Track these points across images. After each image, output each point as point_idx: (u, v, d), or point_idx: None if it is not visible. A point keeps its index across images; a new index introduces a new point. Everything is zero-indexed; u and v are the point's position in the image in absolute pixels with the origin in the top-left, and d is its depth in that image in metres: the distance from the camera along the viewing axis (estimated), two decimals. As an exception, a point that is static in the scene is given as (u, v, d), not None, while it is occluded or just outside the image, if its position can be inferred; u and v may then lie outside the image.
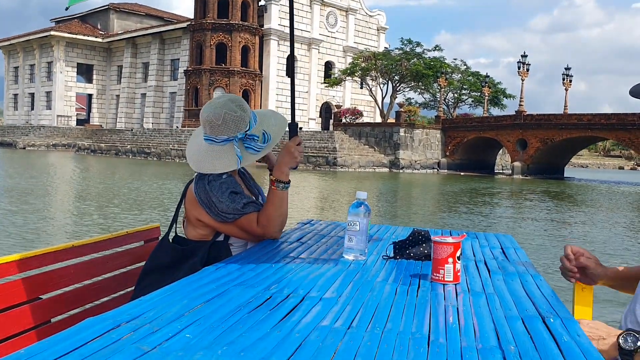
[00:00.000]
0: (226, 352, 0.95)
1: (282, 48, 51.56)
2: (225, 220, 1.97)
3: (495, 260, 1.85)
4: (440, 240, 1.47)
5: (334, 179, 25.72)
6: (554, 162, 38.51)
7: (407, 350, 1.00)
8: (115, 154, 43.48)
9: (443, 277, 1.44)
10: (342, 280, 1.42)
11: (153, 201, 13.62)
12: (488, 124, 39.23)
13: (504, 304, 1.29)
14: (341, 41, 56.83)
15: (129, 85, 59.76)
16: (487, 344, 1.05)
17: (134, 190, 16.13)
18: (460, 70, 52.60)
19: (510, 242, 2.30)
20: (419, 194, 19.80)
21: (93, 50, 62.76)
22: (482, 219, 11.94)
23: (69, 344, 0.94)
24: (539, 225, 11.20)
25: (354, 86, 55.31)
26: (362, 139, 38.79)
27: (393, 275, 1.54)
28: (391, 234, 2.43)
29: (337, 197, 16.54)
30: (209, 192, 1.97)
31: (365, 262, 1.74)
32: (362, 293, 1.29)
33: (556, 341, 1.08)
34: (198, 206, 1.98)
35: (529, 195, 18.90)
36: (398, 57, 45.02)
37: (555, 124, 35.38)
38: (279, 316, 1.15)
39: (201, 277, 1.38)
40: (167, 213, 11.02)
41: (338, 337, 1.05)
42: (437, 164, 39.24)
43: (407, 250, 1.82)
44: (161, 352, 0.94)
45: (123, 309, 1.14)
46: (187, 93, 50.10)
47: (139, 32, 59.07)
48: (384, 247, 2.04)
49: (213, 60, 47.98)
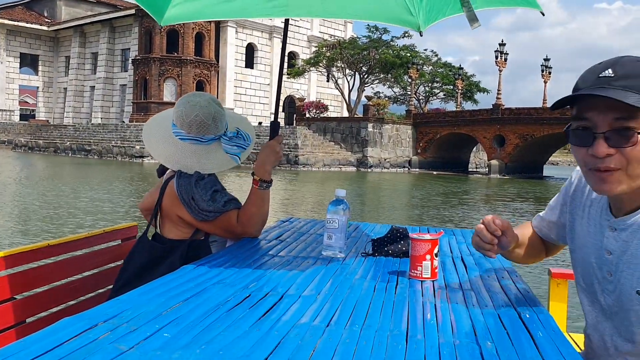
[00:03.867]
0: (205, 351, 0.99)
1: (241, 36, 50.57)
2: (205, 219, 2.03)
3: (472, 257, 1.95)
4: (418, 238, 1.55)
5: (289, 182, 23.95)
6: (533, 160, 37.74)
7: (386, 347, 1.06)
8: (54, 152, 42.12)
9: (421, 273, 1.52)
10: (321, 278, 1.49)
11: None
12: (463, 118, 38.28)
13: (480, 300, 1.37)
14: (305, 30, 56.19)
15: (77, 77, 58.42)
16: (464, 340, 1.12)
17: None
18: (431, 62, 51.90)
19: None
20: (386, 199, 18.60)
21: (38, 39, 61.25)
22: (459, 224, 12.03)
23: (45, 344, 0.96)
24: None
25: (320, 79, 54.77)
26: (328, 135, 38.10)
27: (372, 272, 1.62)
28: (370, 231, 2.52)
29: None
30: (194, 191, 2.03)
31: (344, 260, 1.82)
32: (340, 290, 1.36)
33: (532, 336, 1.15)
34: (179, 204, 2.04)
35: (516, 204, 17.57)
36: (365, 45, 44.32)
37: (536, 119, 34.19)
38: (257, 314, 1.20)
39: (179, 276, 1.43)
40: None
41: (317, 335, 1.10)
42: (408, 163, 38.81)
43: (385, 248, 1.91)
44: (139, 351, 0.97)
45: (100, 309, 1.17)
46: (136, 84, 48.12)
47: (88, 19, 57.74)
48: (363, 244, 2.13)
49: (163, 48, 46.34)
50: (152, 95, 45.56)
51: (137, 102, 47.63)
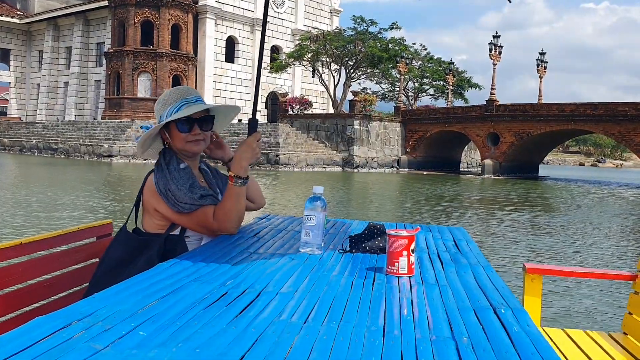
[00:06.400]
0: (181, 349, 1.02)
1: (221, 29, 49.68)
2: (181, 210, 2.11)
3: (448, 253, 2.01)
4: (395, 234, 1.60)
5: (267, 184, 22.39)
6: (529, 160, 37.07)
7: (363, 343, 1.10)
8: (19, 150, 41.62)
9: (398, 269, 1.57)
10: (298, 275, 1.54)
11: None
12: (454, 115, 37.56)
13: (456, 296, 1.42)
14: (289, 23, 55.72)
15: (51, 72, 57.68)
16: (440, 335, 1.17)
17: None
18: (421, 57, 51.37)
19: (463, 234, 2.48)
20: (373, 203, 17.34)
21: (10, 32, 60.43)
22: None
23: (19, 344, 0.98)
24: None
25: (305, 74, 54.27)
26: (312, 133, 37.15)
27: (349, 269, 1.67)
28: (348, 227, 2.57)
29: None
30: (169, 180, 2.13)
31: (321, 256, 1.86)
32: (318, 287, 1.40)
33: (507, 331, 1.20)
34: (156, 195, 2.13)
35: (524, 214, 14.60)
36: (351, 37, 43.31)
37: (532, 116, 33.52)
38: (235, 312, 1.24)
39: (156, 274, 1.47)
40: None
41: (294, 332, 1.14)
42: (397, 162, 38.18)
43: (363, 244, 1.97)
44: (114, 350, 0.99)
45: (75, 307, 1.20)
46: (109, 79, 46.72)
47: (61, 11, 56.98)
48: (341, 240, 2.18)
49: (137, 41, 44.91)
50: (126, 91, 44.43)
51: (110, 98, 46.25)
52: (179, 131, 2.25)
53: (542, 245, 9.44)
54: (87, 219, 10.32)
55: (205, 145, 2.33)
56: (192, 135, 2.25)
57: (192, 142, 2.26)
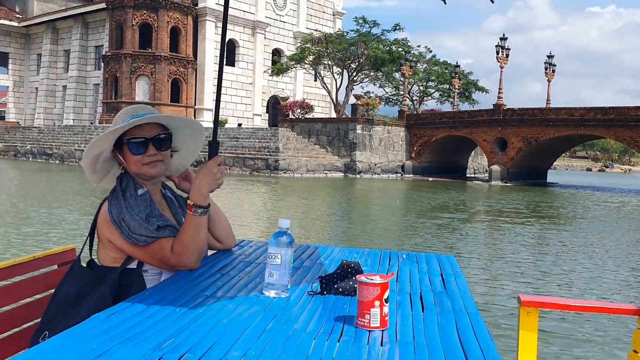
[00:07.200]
0: None
1: (221, 31, 49.93)
2: (136, 242, 1.94)
3: (432, 292, 1.84)
4: (366, 281, 1.43)
5: (262, 193, 21.72)
6: (537, 165, 36.75)
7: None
8: (14, 155, 41.49)
9: (369, 322, 1.39)
10: (253, 328, 1.36)
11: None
12: (461, 120, 37.30)
13: (433, 357, 1.24)
14: (291, 26, 55.80)
15: (49, 76, 57.87)
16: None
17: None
18: (426, 59, 51.00)
19: (452, 266, 2.30)
20: (370, 215, 16.26)
21: (8, 35, 60.70)
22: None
23: None
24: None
25: (307, 78, 54.32)
26: (312, 138, 36.76)
27: (316, 317, 1.49)
28: (325, 257, 2.39)
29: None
30: (123, 209, 1.95)
31: (287, 300, 1.68)
32: (272, 347, 1.22)
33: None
34: (110, 224, 1.95)
35: (528, 226, 14.07)
36: (353, 40, 43.04)
37: (540, 120, 33.24)
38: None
39: (88, 328, 1.29)
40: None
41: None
42: (401, 168, 37.76)
43: (335, 285, 1.79)
44: None
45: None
46: (106, 83, 46.46)
47: (59, 14, 57.06)
48: (315, 274, 2.01)
49: (136, 43, 44.68)
50: (124, 95, 44.19)
51: (107, 101, 45.96)
52: (132, 153, 2.05)
53: (549, 269, 8.64)
54: (56, 240, 9.30)
55: (165, 167, 2.12)
56: (148, 157, 2.05)
57: (148, 165, 2.05)
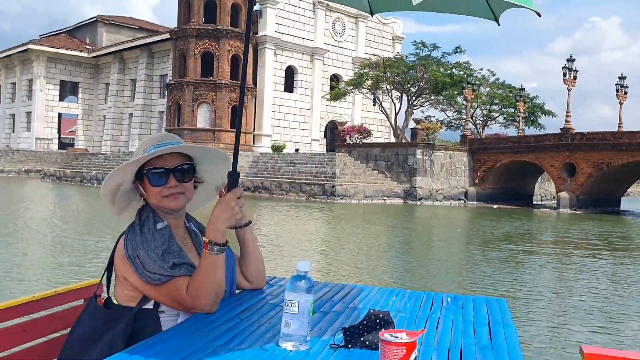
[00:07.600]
0: None
1: (280, 59, 50.36)
2: (149, 281, 1.81)
3: (475, 346, 1.59)
4: (390, 339, 1.17)
5: (315, 219, 21.22)
6: (609, 192, 35.08)
7: None
8: (80, 181, 42.54)
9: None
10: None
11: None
12: (526, 145, 36.05)
13: None
14: (350, 52, 56.00)
15: (116, 104, 60.11)
16: None
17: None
18: (489, 83, 50.19)
19: (502, 312, 2.00)
20: (428, 244, 15.62)
21: (79, 66, 63.50)
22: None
23: None
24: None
25: (365, 102, 54.06)
26: (370, 163, 36.07)
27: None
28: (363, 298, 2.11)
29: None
30: (139, 244, 1.84)
31: (307, 353, 1.47)
32: None
33: None
34: (125, 261, 1.85)
35: (600, 259, 12.89)
36: (412, 64, 42.52)
37: (612, 145, 31.67)
38: None
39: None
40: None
41: None
42: (464, 194, 36.52)
43: (361, 337, 1.54)
44: None
45: None
46: (169, 110, 47.66)
47: (126, 44, 59.47)
48: (345, 321, 1.77)
49: (198, 71, 45.59)
50: (186, 121, 45.10)
51: (170, 128, 46.75)
52: (152, 185, 1.92)
53: (625, 313, 7.69)
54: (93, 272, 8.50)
55: (187, 199, 1.98)
56: (168, 189, 1.92)
57: (168, 197, 1.93)
